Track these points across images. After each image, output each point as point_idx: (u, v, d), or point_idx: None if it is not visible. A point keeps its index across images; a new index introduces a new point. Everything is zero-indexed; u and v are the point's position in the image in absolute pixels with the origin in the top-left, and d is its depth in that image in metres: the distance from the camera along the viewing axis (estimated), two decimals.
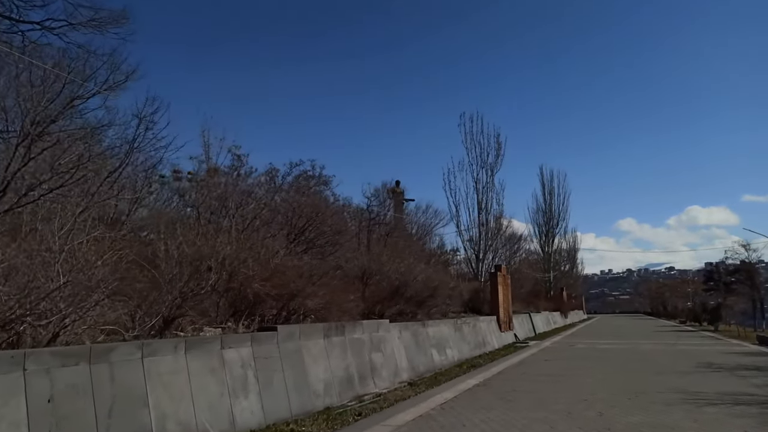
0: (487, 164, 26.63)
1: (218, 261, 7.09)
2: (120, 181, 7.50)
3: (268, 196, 12.13)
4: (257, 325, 8.29)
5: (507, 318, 24.81)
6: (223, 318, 8.12)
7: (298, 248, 11.74)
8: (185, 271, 7.04)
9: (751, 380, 11.42)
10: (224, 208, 10.34)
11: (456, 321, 17.48)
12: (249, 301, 8.15)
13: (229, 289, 7.80)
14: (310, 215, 11.30)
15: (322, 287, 9.71)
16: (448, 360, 15.45)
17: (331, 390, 9.00)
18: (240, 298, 8.22)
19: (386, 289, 13.48)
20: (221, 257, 7.13)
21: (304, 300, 8.86)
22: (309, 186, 21.10)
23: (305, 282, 8.91)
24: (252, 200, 11.12)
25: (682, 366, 14.39)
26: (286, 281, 8.36)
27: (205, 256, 7.07)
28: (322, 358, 9.09)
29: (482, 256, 26.38)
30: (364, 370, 10.41)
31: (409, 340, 13.14)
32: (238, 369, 7.02)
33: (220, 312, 8.08)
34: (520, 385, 11.03)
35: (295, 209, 11.32)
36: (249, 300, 8.08)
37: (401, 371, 12.10)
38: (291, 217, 11.29)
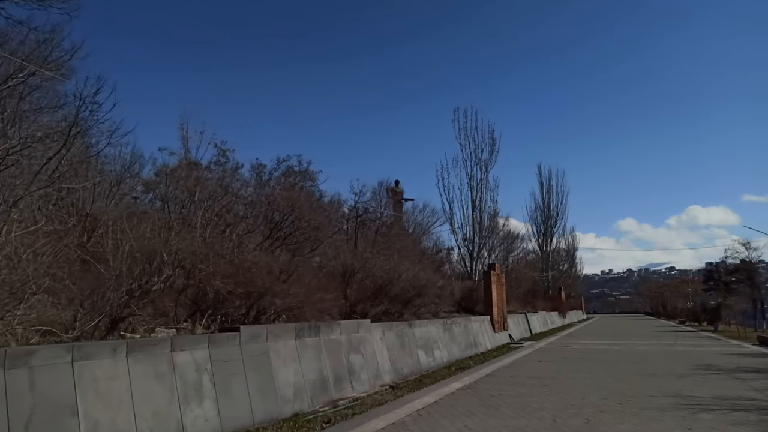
0: (481, 161, 26.06)
1: (171, 256, 6.52)
2: (60, 168, 6.91)
3: (244, 190, 11.60)
4: (219, 326, 7.73)
5: (501, 318, 24.23)
6: (183, 318, 7.55)
7: (275, 245, 11.18)
8: (136, 267, 6.48)
9: (751, 383, 10.85)
10: (192, 201, 9.78)
11: (445, 321, 16.90)
12: (211, 300, 7.58)
13: (188, 286, 7.23)
14: (286, 210, 10.73)
15: (295, 285, 9.14)
16: (436, 361, 14.88)
17: (301, 395, 8.44)
18: (202, 296, 7.65)
19: (370, 288, 12.91)
20: (174, 252, 6.56)
21: (272, 299, 8.29)
22: (295, 181, 20.57)
23: (274, 280, 8.34)
24: (225, 193, 10.55)
25: (678, 368, 13.82)
26: (251, 279, 7.79)
27: (157, 250, 6.50)
28: (293, 361, 8.52)
29: (476, 255, 25.78)
30: (340, 372, 9.84)
31: (393, 341, 12.57)
32: (191, 373, 6.45)
33: (180, 312, 7.51)
34: (506, 388, 10.47)
35: (269, 203, 10.75)
36: (211, 299, 7.51)
37: (383, 373, 11.53)
38: (266, 212, 10.72)
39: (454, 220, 26.41)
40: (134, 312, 6.25)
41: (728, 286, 39.79)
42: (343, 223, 20.16)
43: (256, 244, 11.12)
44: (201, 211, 8.93)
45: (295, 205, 10.94)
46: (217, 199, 9.91)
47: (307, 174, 20.24)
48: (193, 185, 9.84)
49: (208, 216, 9.24)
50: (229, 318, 8.02)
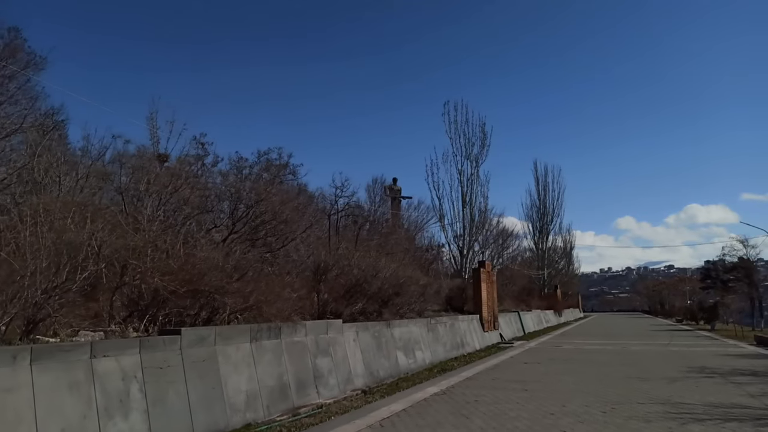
0: (471, 155, 25.31)
1: (96, 251, 5.81)
2: None
3: (212, 182, 10.90)
4: (160, 328, 7.01)
5: (491, 317, 23.55)
6: (119, 320, 6.83)
7: (240, 240, 10.46)
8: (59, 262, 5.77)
9: (746, 388, 10.16)
10: (147, 194, 9.05)
11: (429, 320, 16.20)
12: (150, 300, 6.87)
13: (123, 285, 6.51)
14: (251, 202, 10.02)
15: (253, 283, 8.43)
16: (417, 363, 14.18)
17: (255, 403, 7.73)
18: (141, 296, 6.93)
19: (345, 286, 12.21)
20: (98, 245, 5.85)
21: (223, 298, 7.57)
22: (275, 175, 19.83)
23: (225, 277, 7.62)
24: (188, 185, 9.83)
25: (671, 370, 13.13)
26: (198, 276, 7.08)
27: (82, 244, 5.79)
28: (246, 366, 7.82)
29: (466, 252, 25.05)
30: (304, 377, 9.13)
31: (368, 343, 11.86)
32: (115, 382, 5.73)
33: (117, 313, 6.79)
34: (485, 393, 9.77)
35: (232, 195, 10.04)
36: (150, 299, 6.80)
37: (355, 377, 10.84)
38: (231, 205, 10.01)
39: (444, 217, 25.68)
40: (50, 313, 5.52)
41: (726, 284, 39.11)
42: (325, 218, 19.46)
43: (222, 239, 10.42)
44: (149, 203, 8.22)
45: (261, 198, 10.22)
46: (174, 191, 9.18)
47: (288, 167, 19.56)
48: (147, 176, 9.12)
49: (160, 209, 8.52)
50: (173, 320, 7.31)
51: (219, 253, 7.93)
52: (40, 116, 18.22)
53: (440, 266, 26.92)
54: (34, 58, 18.77)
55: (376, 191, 46.09)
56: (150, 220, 7.77)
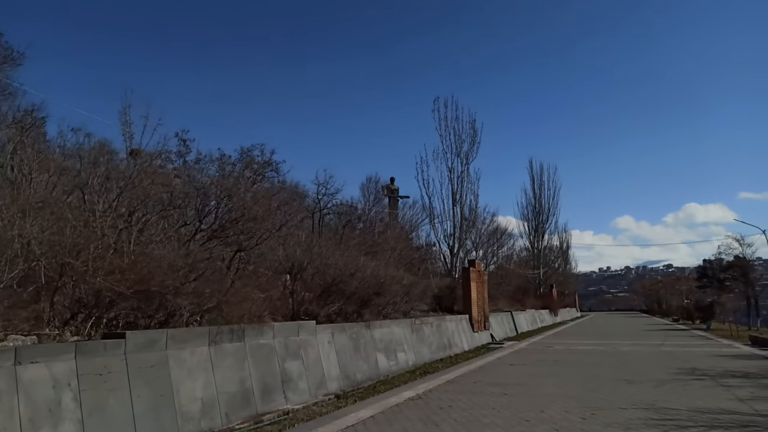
0: (462, 152, 24.85)
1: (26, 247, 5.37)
2: None
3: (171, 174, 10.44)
4: (104, 331, 6.57)
5: (481, 317, 23.12)
6: (60, 322, 6.38)
7: (206, 237, 10.01)
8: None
9: (736, 391, 9.73)
10: (106, 189, 8.61)
11: (413, 321, 15.76)
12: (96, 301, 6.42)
13: (62, 285, 6.06)
14: (218, 197, 9.57)
15: (213, 284, 7.98)
16: (399, 365, 13.74)
17: (212, 411, 7.27)
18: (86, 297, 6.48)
19: (321, 286, 11.76)
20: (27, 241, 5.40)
21: (176, 299, 7.12)
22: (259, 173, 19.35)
23: (177, 276, 7.17)
24: (150, 181, 9.37)
25: (660, 372, 12.71)
26: (146, 276, 6.62)
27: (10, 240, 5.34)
28: (203, 371, 7.36)
29: (457, 251, 24.61)
30: (271, 382, 8.68)
31: (344, 345, 11.42)
32: (44, 391, 5.28)
33: (57, 315, 6.34)
34: (462, 398, 9.33)
35: (198, 191, 9.57)
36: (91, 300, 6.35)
37: (329, 381, 10.39)
38: (197, 201, 9.54)
39: (434, 215, 25.23)
40: None
41: (722, 282, 38.71)
42: (310, 217, 19.00)
43: (189, 237, 9.96)
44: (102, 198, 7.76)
45: (228, 194, 9.76)
46: (133, 186, 8.72)
47: (271, 164, 19.11)
48: (106, 170, 8.67)
49: (116, 204, 8.07)
50: (122, 322, 6.85)
51: (173, 251, 7.47)
52: (18, 113, 17.78)
53: (431, 266, 26.48)
54: (12, 54, 18.33)
55: (370, 190, 45.75)
56: (101, 216, 7.32)
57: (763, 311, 55.97)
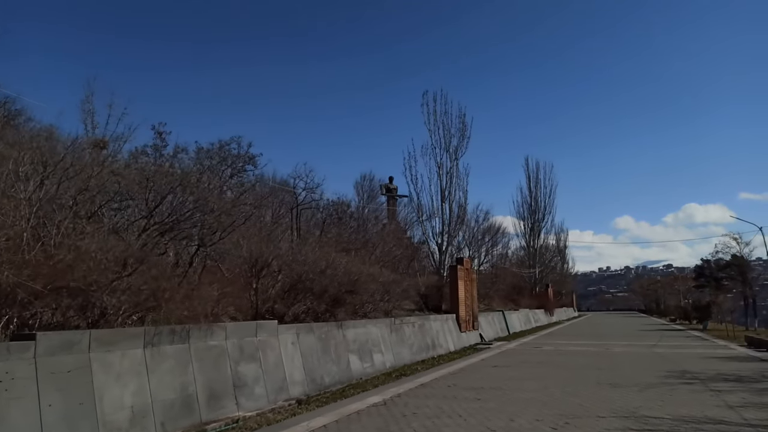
0: (451, 147, 24.14)
1: None
2: None
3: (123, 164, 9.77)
4: (13, 332, 5.88)
5: (470, 316, 22.45)
6: None
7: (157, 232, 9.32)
8: None
9: (726, 397, 9.05)
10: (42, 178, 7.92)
11: (393, 320, 15.08)
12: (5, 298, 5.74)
13: None
14: (167, 189, 8.87)
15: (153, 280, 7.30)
16: (375, 367, 13.06)
17: (144, 420, 6.59)
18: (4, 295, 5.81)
19: (288, 283, 11.09)
20: None
21: (102, 296, 6.44)
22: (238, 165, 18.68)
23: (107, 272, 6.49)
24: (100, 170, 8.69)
25: (649, 375, 12.03)
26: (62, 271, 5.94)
27: None
28: (136, 376, 6.68)
29: (445, 248, 23.91)
30: (220, 387, 8.00)
31: (311, 346, 10.73)
32: None
33: None
34: (429, 404, 8.65)
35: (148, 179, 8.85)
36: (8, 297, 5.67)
37: (292, 385, 9.71)
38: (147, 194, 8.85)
39: (423, 212, 24.51)
40: None
41: (719, 282, 38.00)
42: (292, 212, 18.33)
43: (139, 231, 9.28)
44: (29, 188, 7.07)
45: (183, 185, 9.07)
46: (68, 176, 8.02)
47: (248, 157, 18.45)
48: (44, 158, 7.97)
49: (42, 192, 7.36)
50: (37, 321, 6.17)
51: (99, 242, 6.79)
52: None
53: (417, 264, 25.79)
54: None
55: (364, 188, 45.12)
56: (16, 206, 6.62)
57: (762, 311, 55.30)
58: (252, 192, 15.11)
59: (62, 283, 5.97)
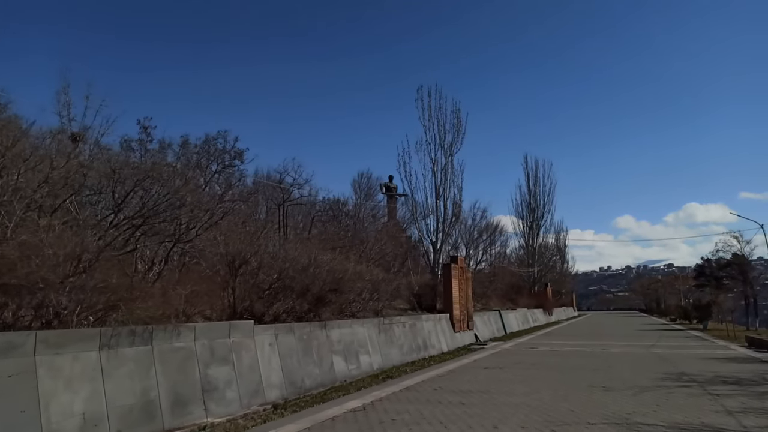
0: (445, 143, 23.66)
1: None
2: None
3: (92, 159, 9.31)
4: None
5: (464, 316, 21.97)
6: None
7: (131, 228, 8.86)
8: None
9: (725, 401, 8.58)
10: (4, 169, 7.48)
11: (381, 320, 14.62)
12: None
13: None
14: (134, 182, 8.41)
15: (117, 277, 6.85)
16: (361, 369, 12.60)
17: (97, 429, 6.13)
18: None
19: (268, 282, 10.63)
20: None
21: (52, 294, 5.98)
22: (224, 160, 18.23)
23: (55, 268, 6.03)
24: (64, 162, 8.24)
25: (645, 377, 11.56)
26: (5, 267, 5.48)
27: None
28: (89, 381, 6.23)
29: (440, 247, 23.44)
30: (186, 392, 7.54)
31: (291, 347, 10.28)
32: None
33: None
34: (411, 409, 8.19)
35: (114, 171, 8.40)
36: None
37: (268, 389, 9.25)
38: (112, 184, 8.40)
39: (417, 209, 24.01)
40: None
41: (719, 281, 37.48)
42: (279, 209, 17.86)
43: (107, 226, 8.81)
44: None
45: (152, 179, 8.61)
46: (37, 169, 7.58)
47: (235, 151, 18.02)
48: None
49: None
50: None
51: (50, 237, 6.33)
52: None
53: (412, 262, 25.32)
54: None
55: (362, 186, 44.70)
56: None
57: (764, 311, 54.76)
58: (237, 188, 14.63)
59: (4, 281, 5.50)
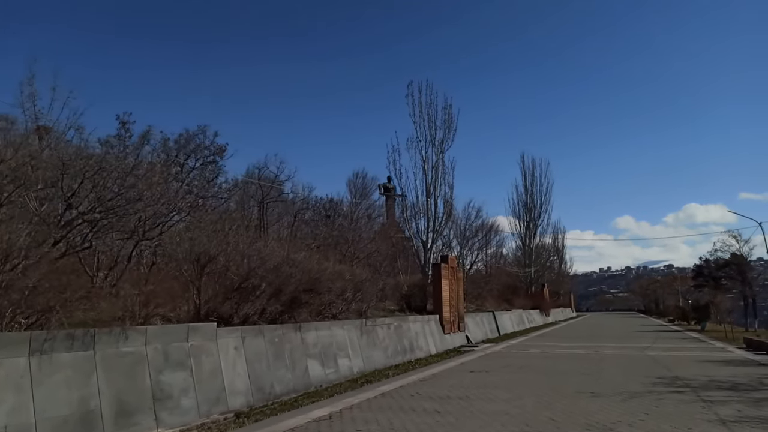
0: (436, 140, 23.10)
1: None
2: None
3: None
4: None
5: (455, 317, 21.39)
6: None
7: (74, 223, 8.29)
8: None
9: (719, 408, 8.01)
10: None
11: (363, 322, 14.04)
12: None
13: None
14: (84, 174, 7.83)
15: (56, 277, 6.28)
16: (340, 373, 12.02)
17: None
18: None
19: (237, 282, 10.06)
20: None
21: None
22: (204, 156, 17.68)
23: None
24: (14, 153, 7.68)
25: (636, 382, 11.00)
26: None
27: None
28: (14, 390, 5.65)
29: (430, 246, 22.88)
30: (134, 400, 6.96)
31: (260, 351, 9.70)
32: None
33: None
34: (380, 419, 7.62)
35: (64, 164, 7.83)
36: None
37: (232, 396, 8.67)
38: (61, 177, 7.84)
39: (407, 207, 23.46)
40: None
41: (718, 281, 36.90)
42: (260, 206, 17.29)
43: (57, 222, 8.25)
44: None
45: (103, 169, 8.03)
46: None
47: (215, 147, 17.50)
48: None
49: None
50: None
51: None
52: None
53: (402, 262, 24.78)
54: None
55: (357, 185, 44.17)
56: None
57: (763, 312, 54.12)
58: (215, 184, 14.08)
59: None
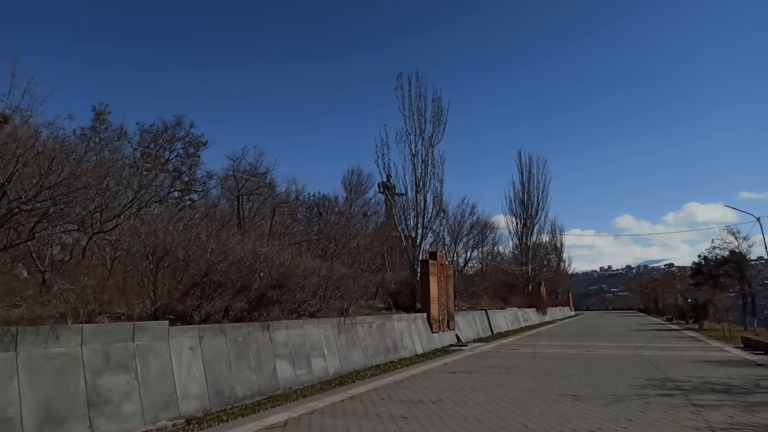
0: (425, 134, 22.45)
1: None
2: None
3: None
4: None
5: (443, 316, 20.77)
6: None
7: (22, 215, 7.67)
8: None
9: (709, 414, 7.38)
10: None
11: (341, 320, 13.41)
12: None
13: None
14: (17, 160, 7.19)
15: None
16: (312, 375, 11.40)
17: None
18: None
19: (197, 277, 9.44)
20: None
21: None
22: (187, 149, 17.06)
23: None
24: None
25: (624, 384, 10.37)
26: None
27: None
28: None
29: (420, 242, 22.22)
30: (65, 406, 6.34)
31: (219, 351, 9.08)
32: None
33: None
34: (338, 426, 7.00)
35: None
36: None
37: (185, 399, 8.04)
38: None
39: (395, 203, 22.81)
40: None
41: (716, 279, 36.25)
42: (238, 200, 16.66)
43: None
44: None
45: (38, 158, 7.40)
46: None
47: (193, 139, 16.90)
48: None
49: None
50: None
51: None
52: None
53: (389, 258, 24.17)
54: None
55: (352, 182, 43.54)
56: None
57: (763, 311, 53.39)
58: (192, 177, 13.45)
59: None
